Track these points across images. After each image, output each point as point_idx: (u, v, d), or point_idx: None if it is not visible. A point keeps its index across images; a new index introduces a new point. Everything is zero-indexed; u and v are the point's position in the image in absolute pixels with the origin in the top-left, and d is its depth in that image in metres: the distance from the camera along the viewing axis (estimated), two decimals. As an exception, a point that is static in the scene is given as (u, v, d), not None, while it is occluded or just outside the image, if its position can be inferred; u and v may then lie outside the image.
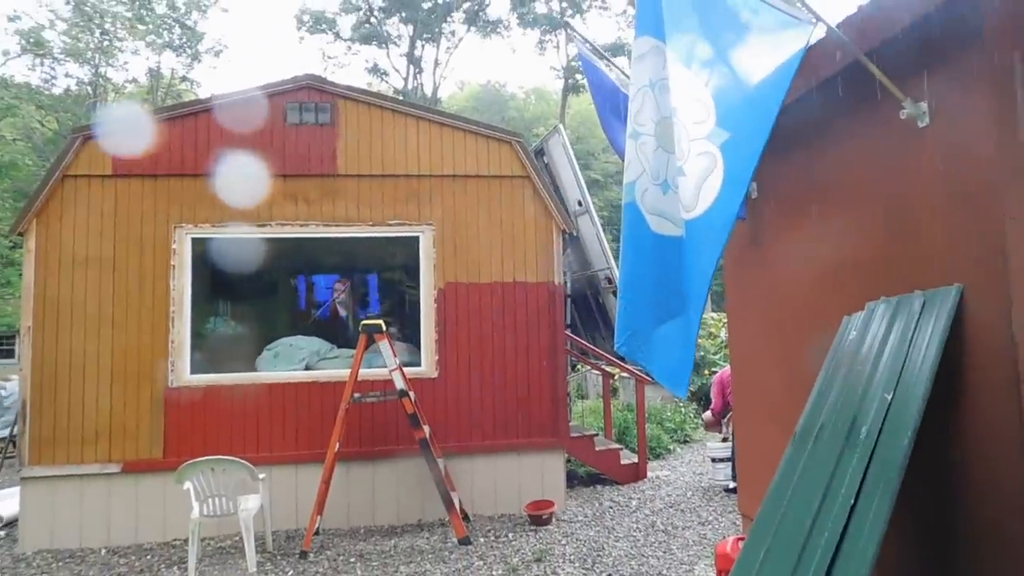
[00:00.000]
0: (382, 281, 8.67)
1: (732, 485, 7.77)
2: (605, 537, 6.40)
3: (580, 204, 9.74)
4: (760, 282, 4.88)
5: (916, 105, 3.04)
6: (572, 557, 5.86)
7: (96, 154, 6.90)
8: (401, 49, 38.63)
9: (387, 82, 39.05)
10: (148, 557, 6.24)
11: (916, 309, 2.98)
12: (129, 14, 26.02)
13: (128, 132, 7.00)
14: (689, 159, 2.99)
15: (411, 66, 38.52)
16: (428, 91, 38.50)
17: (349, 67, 77.02)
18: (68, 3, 24.71)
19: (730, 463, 8.00)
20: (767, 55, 2.99)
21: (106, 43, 26.05)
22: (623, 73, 5.54)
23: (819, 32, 3.18)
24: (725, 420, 8.39)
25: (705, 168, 2.95)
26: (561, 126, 10.19)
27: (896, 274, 3.27)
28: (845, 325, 3.52)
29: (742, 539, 3.94)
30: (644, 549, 6.04)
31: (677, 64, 3.07)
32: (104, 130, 7.01)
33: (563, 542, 6.27)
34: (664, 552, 5.94)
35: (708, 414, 8.55)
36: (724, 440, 8.40)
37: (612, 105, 5.57)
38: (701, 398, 13.11)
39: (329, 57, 40.30)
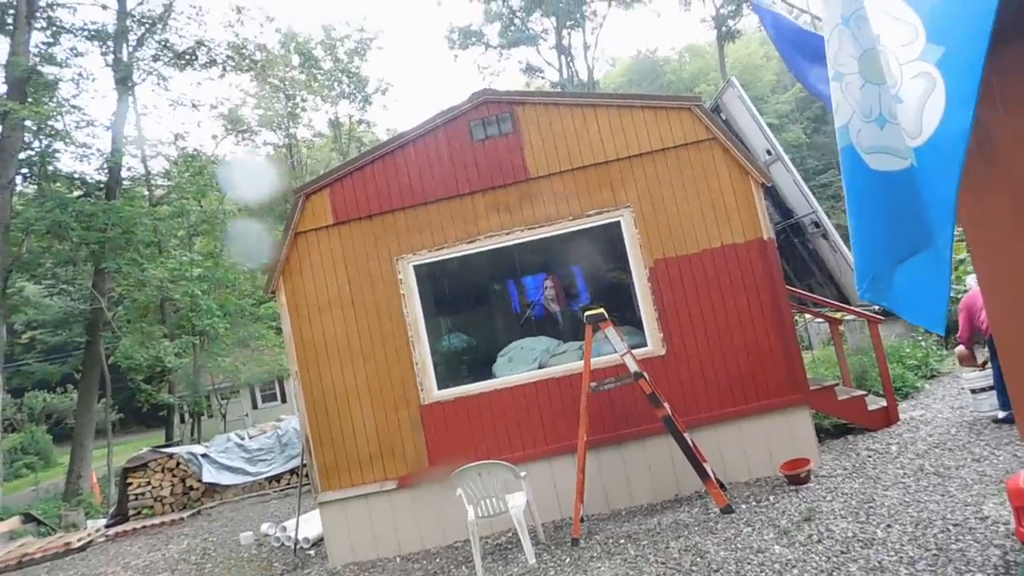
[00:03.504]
0: (585, 270, 8.85)
1: (1002, 415, 7.07)
2: (872, 488, 6.08)
3: (769, 153, 9.33)
4: (1003, 191, 4.42)
5: None
6: (842, 512, 5.65)
7: (317, 208, 7.68)
8: (549, 42, 39.19)
9: (543, 78, 39.87)
10: (437, 560, 6.86)
11: None
12: (303, 76, 28.78)
13: (337, 183, 7.72)
14: (903, 84, 2.83)
15: (562, 56, 38.96)
16: (584, 76, 38.67)
17: (504, 72, 79.11)
18: (252, 81, 27.75)
19: (994, 391, 7.30)
20: None
21: (291, 107, 29.02)
22: (797, 8, 5.26)
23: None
24: (979, 347, 7.66)
25: (924, 90, 2.76)
26: (734, 79, 9.81)
27: None
28: None
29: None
30: (919, 495, 5.66)
31: None
32: (318, 185, 7.79)
33: (828, 498, 6.06)
34: (942, 495, 5.54)
35: (960, 348, 7.81)
36: (982, 367, 7.66)
37: (795, 44, 5.31)
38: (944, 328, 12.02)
39: (483, 68, 41.83)
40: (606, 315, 6.41)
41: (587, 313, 6.48)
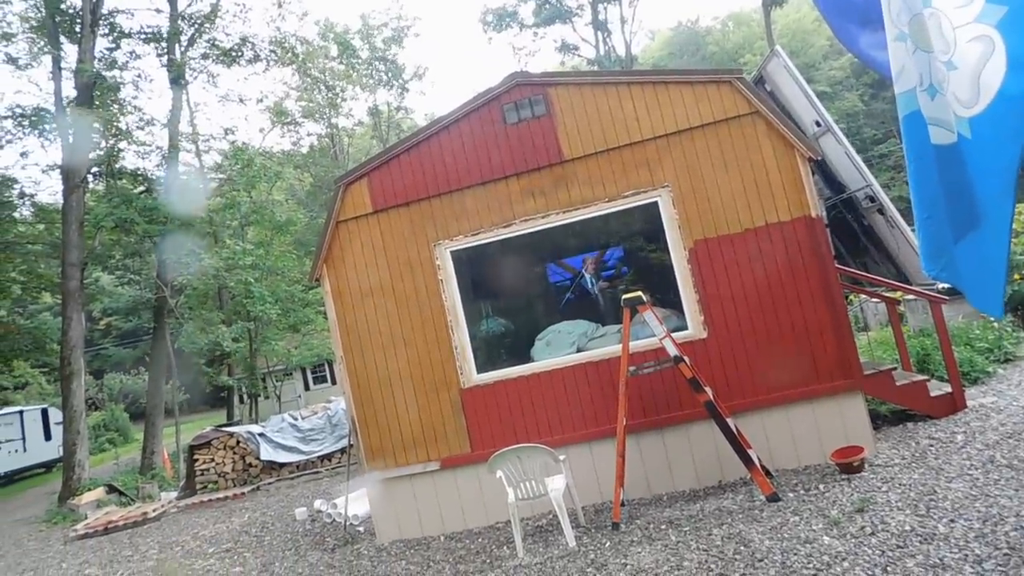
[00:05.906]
0: (626, 251, 8.71)
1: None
2: (934, 479, 5.71)
3: (819, 124, 8.95)
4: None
5: None
6: (899, 504, 5.34)
7: (357, 197, 7.76)
8: (585, 19, 38.42)
9: (579, 55, 39.17)
10: (479, 540, 6.94)
11: None
12: (342, 66, 29.22)
13: (375, 171, 7.77)
14: (957, 49, 2.64)
15: (598, 32, 38.18)
16: (621, 51, 37.85)
17: (539, 52, 78.75)
18: (294, 74, 28.28)
19: None
20: None
21: (331, 97, 29.53)
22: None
23: None
24: None
25: (981, 54, 2.57)
26: (779, 48, 9.42)
27: None
28: None
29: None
30: (988, 488, 5.27)
31: None
32: (357, 175, 7.85)
33: (884, 489, 5.74)
34: (1016, 490, 5.13)
35: None
36: None
37: (843, 9, 5.03)
38: (1016, 307, 11.35)
39: (518, 49, 41.48)
40: (643, 299, 6.30)
41: (624, 297, 6.38)
